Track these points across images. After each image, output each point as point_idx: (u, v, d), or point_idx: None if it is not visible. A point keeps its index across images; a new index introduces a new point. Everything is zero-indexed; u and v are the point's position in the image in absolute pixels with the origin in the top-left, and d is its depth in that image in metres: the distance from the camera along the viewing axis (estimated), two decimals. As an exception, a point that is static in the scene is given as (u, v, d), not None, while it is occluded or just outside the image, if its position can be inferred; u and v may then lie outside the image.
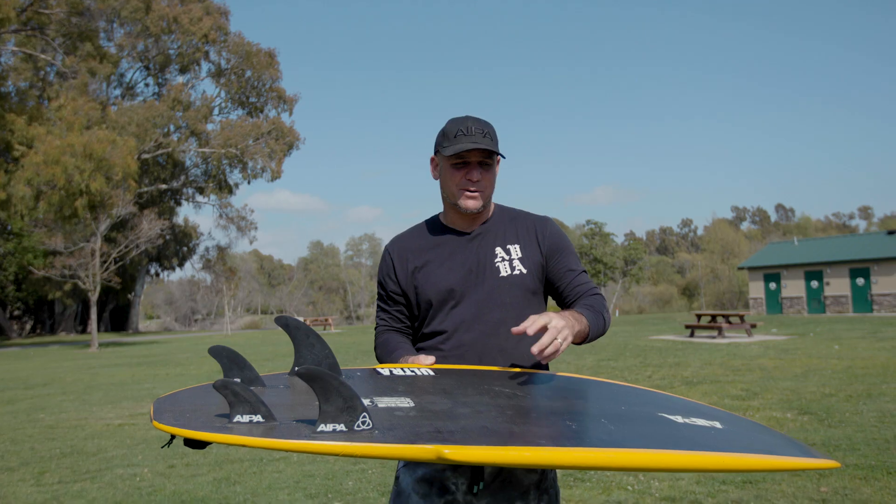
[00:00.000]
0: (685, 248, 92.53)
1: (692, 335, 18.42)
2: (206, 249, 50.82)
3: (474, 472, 1.68)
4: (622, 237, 72.51)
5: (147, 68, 42.75)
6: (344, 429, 1.24)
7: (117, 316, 50.47)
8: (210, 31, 39.01)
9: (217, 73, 42.31)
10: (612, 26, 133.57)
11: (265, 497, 4.57)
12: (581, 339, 1.73)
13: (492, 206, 1.96)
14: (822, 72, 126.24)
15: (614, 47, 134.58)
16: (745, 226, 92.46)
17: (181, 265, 51.63)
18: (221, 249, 49.23)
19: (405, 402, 1.44)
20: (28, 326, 49.13)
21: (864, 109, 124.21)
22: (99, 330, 39.82)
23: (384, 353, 1.93)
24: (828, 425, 6.11)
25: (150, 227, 30.24)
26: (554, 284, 1.90)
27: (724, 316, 18.10)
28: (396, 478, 1.78)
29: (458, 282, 1.84)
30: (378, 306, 2.02)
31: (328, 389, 1.24)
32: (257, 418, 1.28)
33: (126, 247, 29.95)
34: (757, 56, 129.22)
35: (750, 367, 10.79)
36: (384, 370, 1.73)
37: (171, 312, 66.31)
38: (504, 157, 1.86)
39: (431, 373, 1.71)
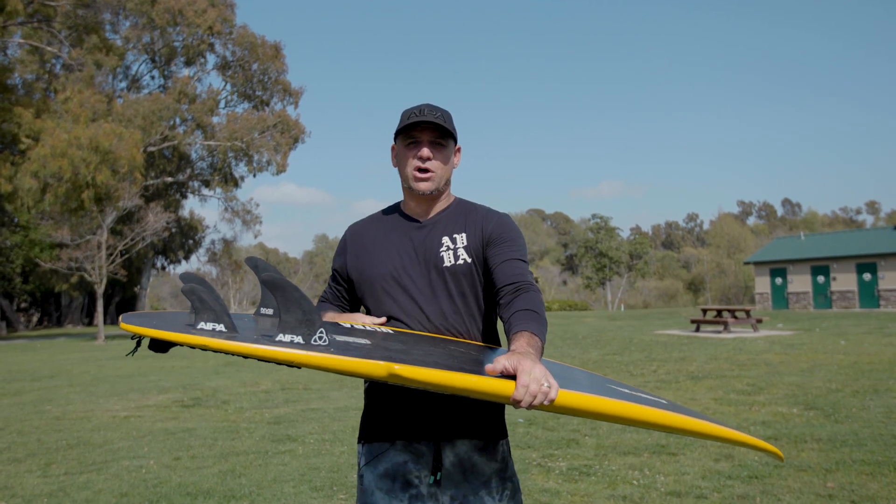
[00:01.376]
0: (691, 242, 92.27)
1: (698, 330, 18.39)
2: (212, 242, 50.98)
3: (434, 462, 1.69)
4: (628, 231, 72.23)
5: (153, 61, 42.76)
6: (301, 341, 1.27)
7: (123, 308, 50.65)
8: (215, 23, 38.92)
9: (223, 66, 42.24)
10: (620, 20, 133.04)
11: (270, 489, 4.58)
12: None
13: (452, 199, 1.92)
14: (830, 67, 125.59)
15: (621, 41, 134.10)
16: (751, 221, 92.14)
17: (187, 258, 51.82)
18: (227, 242, 49.29)
19: (362, 341, 1.46)
20: (35, 318, 49.43)
21: (872, 104, 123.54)
22: (105, 322, 40.03)
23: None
24: (834, 421, 6.08)
25: (155, 220, 30.28)
26: (490, 271, 1.77)
27: (729, 311, 18.03)
28: (360, 476, 1.76)
29: (403, 269, 1.82)
30: (328, 283, 2.03)
31: (289, 300, 1.27)
32: (220, 327, 1.31)
33: (132, 239, 30.02)
34: (764, 51, 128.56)
35: (755, 361, 10.77)
36: (346, 323, 1.73)
37: (176, 305, 66.58)
38: (456, 141, 1.85)
39: (387, 331, 1.73)
